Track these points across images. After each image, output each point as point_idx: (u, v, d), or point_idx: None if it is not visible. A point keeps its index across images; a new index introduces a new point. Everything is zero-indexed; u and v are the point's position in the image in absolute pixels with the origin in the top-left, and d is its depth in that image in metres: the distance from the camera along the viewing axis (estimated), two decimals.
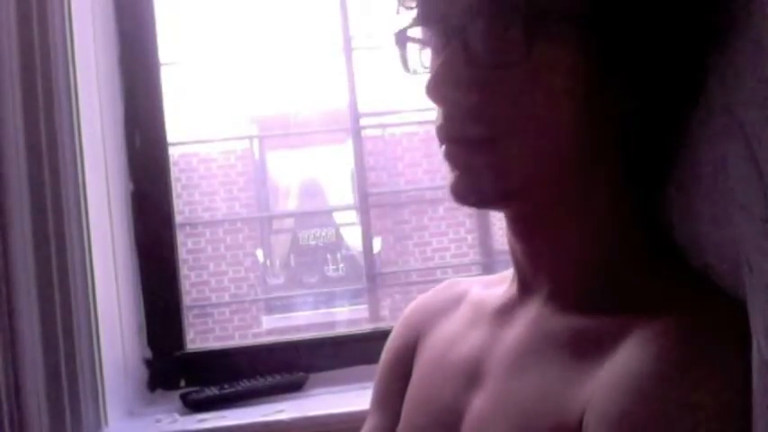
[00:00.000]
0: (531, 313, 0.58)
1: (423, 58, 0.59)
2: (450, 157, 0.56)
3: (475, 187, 0.55)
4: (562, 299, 0.56)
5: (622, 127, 0.54)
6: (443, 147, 0.56)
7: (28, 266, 1.10)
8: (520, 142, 0.53)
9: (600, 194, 0.55)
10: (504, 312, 0.61)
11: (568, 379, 0.50)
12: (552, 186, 0.55)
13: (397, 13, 0.59)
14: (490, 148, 0.54)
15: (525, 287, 0.60)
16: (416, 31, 0.59)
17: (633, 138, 0.54)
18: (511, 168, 0.54)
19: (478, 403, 0.57)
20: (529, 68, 0.52)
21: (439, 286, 0.75)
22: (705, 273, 0.51)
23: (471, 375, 0.59)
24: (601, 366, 0.48)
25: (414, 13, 0.58)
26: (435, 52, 0.57)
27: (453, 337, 0.65)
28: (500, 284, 0.65)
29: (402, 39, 0.59)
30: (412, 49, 0.59)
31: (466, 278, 0.74)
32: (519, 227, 0.59)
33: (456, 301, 0.70)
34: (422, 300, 0.74)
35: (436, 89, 0.54)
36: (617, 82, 0.52)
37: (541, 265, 0.58)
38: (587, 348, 0.51)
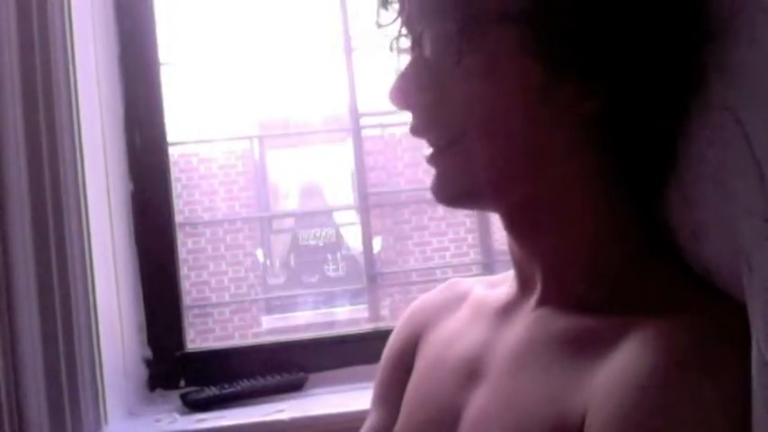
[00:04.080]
0: (532, 312, 0.58)
1: None
2: (426, 159, 0.59)
3: (444, 187, 0.58)
4: (562, 299, 0.56)
5: (599, 128, 0.53)
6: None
7: (28, 266, 1.10)
8: (476, 143, 0.55)
9: (589, 196, 0.55)
10: (505, 312, 0.61)
11: (569, 378, 0.50)
12: (523, 186, 0.56)
13: (377, 23, 0.61)
14: (452, 151, 0.56)
15: (525, 287, 0.60)
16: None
17: (615, 139, 0.54)
18: (472, 168, 0.56)
19: (478, 401, 0.57)
20: (467, 69, 0.53)
21: (441, 286, 0.75)
22: (705, 273, 0.51)
23: (471, 373, 0.60)
24: (601, 366, 0.48)
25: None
26: None
27: (454, 336, 0.65)
28: (502, 284, 0.66)
29: (396, 49, 0.61)
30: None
31: (469, 278, 0.74)
32: (514, 230, 0.59)
33: (458, 300, 0.70)
34: (424, 299, 0.75)
35: (396, 94, 0.58)
36: (576, 82, 0.52)
37: (539, 266, 0.58)
38: (588, 348, 0.51)
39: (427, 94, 0.56)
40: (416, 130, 0.58)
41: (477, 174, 0.55)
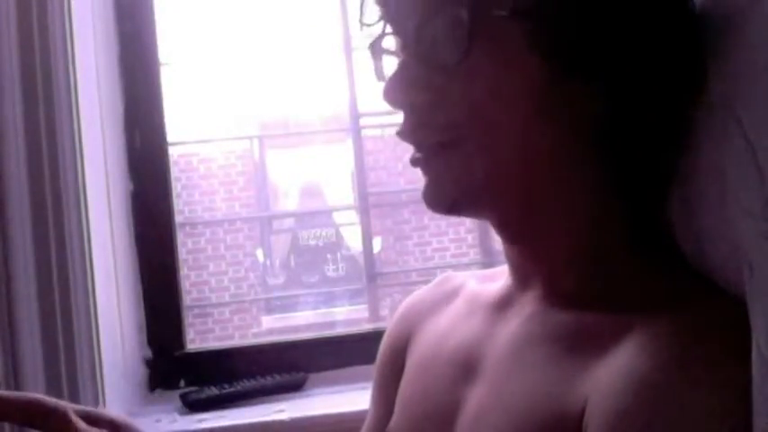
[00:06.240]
0: (528, 308, 0.58)
1: None
2: (414, 163, 0.56)
3: (438, 194, 0.56)
4: (559, 296, 0.56)
5: (599, 129, 0.52)
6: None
7: (28, 266, 1.10)
8: (475, 146, 0.53)
9: (586, 196, 0.55)
10: (501, 307, 0.61)
11: (567, 374, 0.50)
12: (521, 190, 0.54)
13: (362, 24, 0.58)
14: (446, 154, 0.54)
15: (521, 283, 0.60)
16: (392, 43, 0.58)
17: (616, 140, 0.53)
18: (469, 173, 0.53)
19: (475, 397, 0.57)
20: (471, 67, 0.51)
21: (434, 281, 0.74)
22: (707, 273, 0.51)
23: (467, 368, 0.59)
24: (600, 363, 0.48)
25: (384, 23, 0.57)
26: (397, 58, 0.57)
27: (448, 331, 0.65)
28: (496, 278, 0.65)
29: (377, 50, 0.59)
30: (388, 60, 0.58)
31: (462, 273, 0.73)
32: (506, 234, 0.58)
33: (451, 295, 0.69)
34: (417, 294, 0.74)
35: (391, 92, 0.55)
36: (580, 83, 0.51)
37: (535, 267, 0.58)
38: (586, 345, 0.50)
39: (423, 93, 0.54)
40: (406, 133, 0.55)
41: (473, 179, 0.54)
